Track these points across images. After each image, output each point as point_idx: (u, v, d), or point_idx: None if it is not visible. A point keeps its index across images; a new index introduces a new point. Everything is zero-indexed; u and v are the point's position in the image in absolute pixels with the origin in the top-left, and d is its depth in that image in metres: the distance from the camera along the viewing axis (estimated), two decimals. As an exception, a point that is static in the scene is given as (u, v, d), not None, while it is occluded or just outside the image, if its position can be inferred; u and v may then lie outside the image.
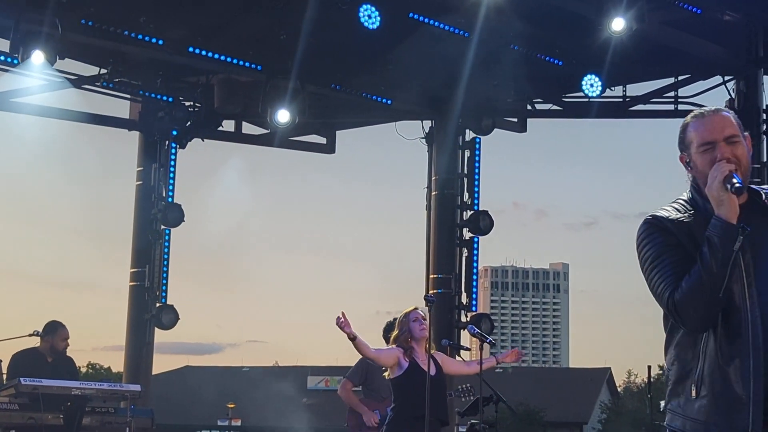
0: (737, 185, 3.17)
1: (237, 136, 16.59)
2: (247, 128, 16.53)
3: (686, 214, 3.35)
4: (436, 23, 12.64)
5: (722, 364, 3.19)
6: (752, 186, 3.43)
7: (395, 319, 9.30)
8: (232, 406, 47.60)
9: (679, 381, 3.33)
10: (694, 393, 3.24)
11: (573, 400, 69.38)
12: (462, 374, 8.47)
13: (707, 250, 3.16)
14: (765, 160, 14.09)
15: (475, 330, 8.35)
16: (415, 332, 7.68)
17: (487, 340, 8.17)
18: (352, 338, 7.39)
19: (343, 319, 7.33)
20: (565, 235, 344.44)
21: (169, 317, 14.38)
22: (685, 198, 3.45)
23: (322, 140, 17.27)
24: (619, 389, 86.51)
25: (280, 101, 13.35)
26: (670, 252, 3.28)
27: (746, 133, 3.42)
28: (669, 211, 3.39)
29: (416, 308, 7.88)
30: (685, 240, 3.28)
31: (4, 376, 9.38)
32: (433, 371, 7.74)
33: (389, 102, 14.74)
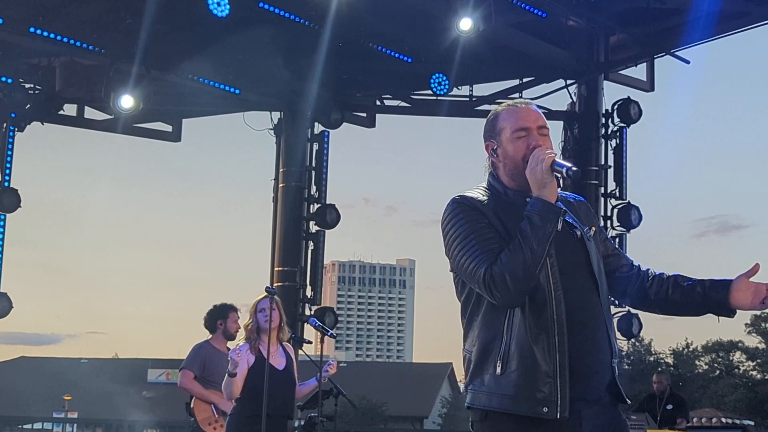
0: (574, 169, 3.32)
1: (79, 121, 16.08)
2: (90, 113, 16.06)
3: (489, 198, 3.49)
4: (287, 14, 12.58)
5: (529, 341, 3.31)
6: None
7: (215, 306, 9.16)
8: (68, 398, 46.45)
9: (481, 360, 3.40)
10: (499, 369, 3.33)
11: (415, 395, 70.22)
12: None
13: (528, 227, 3.27)
14: (603, 162, 14.52)
15: (316, 323, 8.29)
16: (260, 323, 7.52)
17: (328, 333, 8.10)
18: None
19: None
20: (414, 231, 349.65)
21: (2, 305, 13.89)
22: (485, 185, 3.59)
23: (168, 128, 16.96)
24: (460, 384, 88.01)
25: (124, 86, 13.06)
26: (483, 230, 3.39)
27: None
28: (475, 194, 3.51)
29: (266, 296, 7.56)
30: (494, 221, 3.40)
31: None
32: (282, 364, 7.55)
33: (237, 92, 14.57)
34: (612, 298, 3.67)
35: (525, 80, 15.30)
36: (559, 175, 3.34)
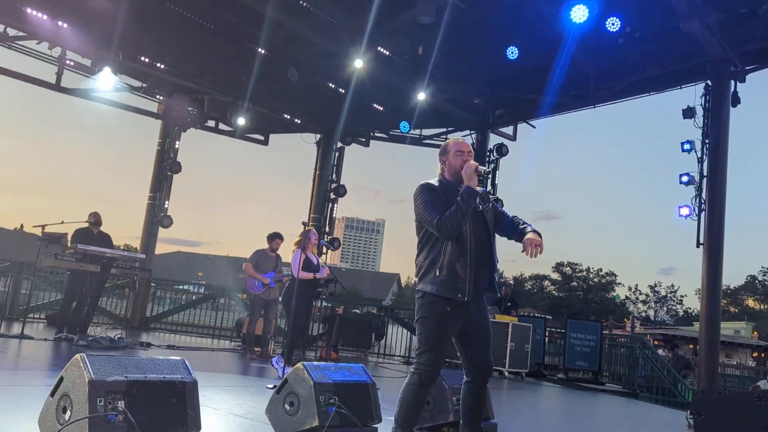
0: (486, 170, 3.50)
1: (215, 130, 15.59)
2: (221, 126, 15.54)
3: (440, 184, 3.53)
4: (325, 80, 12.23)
5: (455, 260, 3.37)
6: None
7: (271, 233, 8.78)
8: (201, 274, 45.80)
9: (429, 268, 3.42)
10: (437, 273, 3.37)
11: (378, 288, 70.01)
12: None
13: (461, 200, 3.35)
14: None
15: (325, 242, 8.16)
16: (312, 240, 7.26)
17: (332, 248, 7.91)
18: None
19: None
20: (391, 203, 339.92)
21: (168, 221, 13.70)
22: (437, 178, 3.60)
23: (261, 137, 16.60)
24: (403, 285, 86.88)
25: (239, 113, 12.90)
26: (435, 201, 3.43)
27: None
28: (433, 182, 3.55)
29: (310, 228, 7.32)
30: (441, 196, 3.46)
31: (69, 242, 8.69)
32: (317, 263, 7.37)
33: (298, 121, 14.34)
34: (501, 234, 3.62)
35: (449, 129, 15.12)
36: (479, 176, 3.44)
